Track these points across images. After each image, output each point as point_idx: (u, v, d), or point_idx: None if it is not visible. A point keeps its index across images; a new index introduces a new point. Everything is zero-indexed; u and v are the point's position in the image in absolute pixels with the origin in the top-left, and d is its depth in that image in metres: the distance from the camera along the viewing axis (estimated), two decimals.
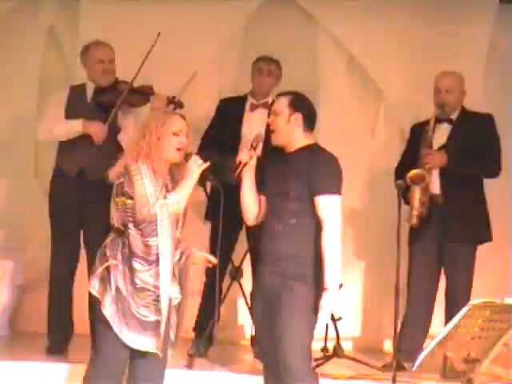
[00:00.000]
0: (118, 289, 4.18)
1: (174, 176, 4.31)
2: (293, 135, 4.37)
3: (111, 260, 4.20)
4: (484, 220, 5.63)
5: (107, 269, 4.20)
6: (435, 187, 5.54)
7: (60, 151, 5.75)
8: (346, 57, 6.62)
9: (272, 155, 4.54)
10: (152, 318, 4.19)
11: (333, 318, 5.67)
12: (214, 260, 4.37)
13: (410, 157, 5.66)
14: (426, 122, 5.67)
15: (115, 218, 4.27)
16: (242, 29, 6.56)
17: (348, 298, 6.10)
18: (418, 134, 5.66)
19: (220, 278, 5.67)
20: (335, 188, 4.29)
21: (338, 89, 6.61)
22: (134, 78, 5.56)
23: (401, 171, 5.63)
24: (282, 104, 4.38)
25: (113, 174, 4.26)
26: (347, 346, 5.91)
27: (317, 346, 5.36)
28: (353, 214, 6.13)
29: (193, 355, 5.52)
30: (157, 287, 4.18)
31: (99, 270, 4.20)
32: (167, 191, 4.22)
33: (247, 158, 4.38)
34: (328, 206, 4.25)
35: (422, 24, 6.46)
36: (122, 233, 4.24)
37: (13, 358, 5.48)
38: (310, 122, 4.39)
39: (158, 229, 4.14)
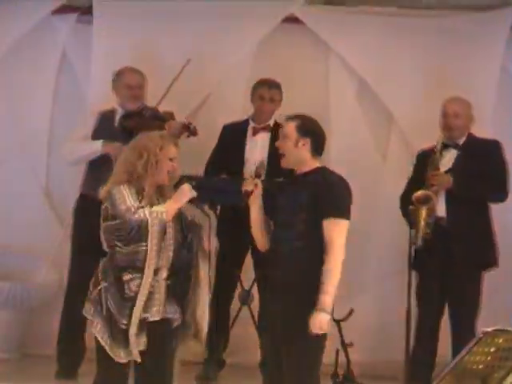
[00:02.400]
0: (108, 310, 4.23)
1: (165, 196, 4.36)
2: (301, 159, 4.36)
3: (103, 283, 4.26)
4: (490, 245, 5.60)
5: (99, 291, 4.26)
6: (441, 210, 5.52)
7: (87, 179, 5.80)
8: (356, 81, 6.60)
9: (280, 179, 4.54)
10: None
11: (343, 344, 5.68)
12: None
13: (416, 183, 5.65)
14: (432, 148, 5.67)
15: (103, 242, 4.36)
16: (254, 53, 6.57)
17: (359, 323, 6.06)
18: (424, 160, 5.67)
19: (227, 300, 5.77)
20: (343, 212, 4.26)
21: (349, 113, 6.59)
22: (159, 103, 5.65)
23: (407, 198, 5.63)
24: (291, 128, 4.36)
25: (102, 194, 4.35)
26: (358, 372, 5.85)
27: (327, 371, 5.33)
28: (362, 238, 6.10)
29: (202, 379, 5.49)
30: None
31: (93, 294, 4.27)
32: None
33: (253, 186, 4.38)
34: (334, 230, 4.22)
35: (433, 48, 6.47)
36: (112, 255, 4.30)
37: (22, 382, 5.50)
38: (318, 146, 4.38)
39: (149, 235, 4.19)
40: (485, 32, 6.39)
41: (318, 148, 4.37)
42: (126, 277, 4.24)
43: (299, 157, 4.34)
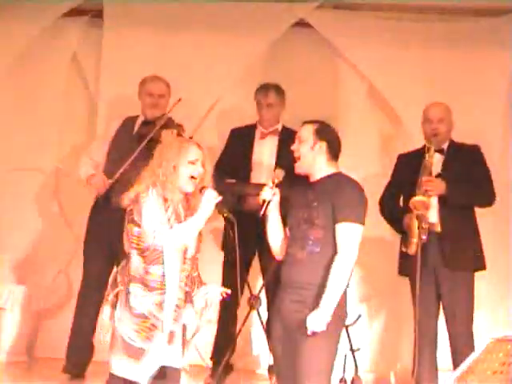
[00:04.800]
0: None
1: (190, 205, 4.30)
2: (317, 163, 4.36)
3: (120, 286, 4.21)
4: (479, 248, 5.58)
5: (116, 295, 4.21)
6: (432, 216, 5.47)
7: None
8: (366, 85, 6.59)
9: (296, 184, 4.52)
10: (139, 344, 4.12)
11: (351, 349, 5.67)
12: (228, 291, 4.33)
13: (396, 188, 5.64)
14: (415, 152, 5.66)
15: (125, 245, 4.28)
16: (264, 56, 6.57)
17: (367, 328, 6.09)
18: (405, 165, 5.65)
19: (235, 305, 5.68)
20: (357, 217, 4.26)
21: (357, 117, 6.57)
22: (168, 112, 5.63)
23: (388, 202, 5.62)
24: (307, 132, 4.39)
25: (126, 200, 4.27)
26: (366, 378, 5.85)
27: (335, 377, 5.31)
28: (369, 243, 5.98)
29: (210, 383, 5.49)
30: (154, 316, 4.13)
31: (110, 297, 4.22)
32: (179, 220, 4.21)
33: (270, 195, 4.36)
34: (346, 234, 4.23)
35: (443, 53, 6.45)
36: (129, 260, 4.25)
37: None
38: (334, 150, 4.39)
39: (165, 259, 4.12)
40: (497, 38, 6.34)
41: (334, 152, 4.38)
42: (136, 290, 4.16)
43: (315, 160, 4.35)
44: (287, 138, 5.73)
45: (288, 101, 6.05)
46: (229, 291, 4.32)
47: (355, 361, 5.72)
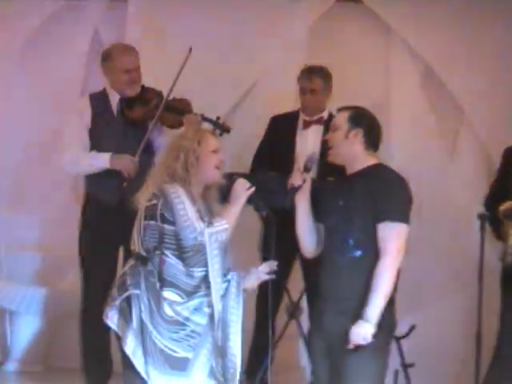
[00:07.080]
0: (141, 321, 3.95)
1: (206, 199, 4.14)
2: (352, 153, 4.12)
3: (133, 289, 3.96)
4: None
5: (127, 299, 3.98)
6: None
7: (91, 179, 5.40)
8: (421, 68, 6.29)
9: (331, 177, 4.32)
10: (182, 354, 3.94)
11: (404, 365, 5.35)
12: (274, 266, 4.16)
13: (502, 185, 5.17)
14: None
15: (138, 244, 4.03)
16: (307, 36, 6.28)
17: (421, 341, 5.70)
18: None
19: (273, 314, 5.42)
20: (401, 215, 4.01)
21: (412, 104, 6.28)
22: (169, 93, 5.22)
23: (491, 202, 5.14)
24: (341, 118, 4.17)
25: (142, 199, 4.03)
26: None
27: None
28: (424, 246, 5.78)
29: None
30: (194, 322, 3.96)
31: (118, 301, 3.97)
32: (201, 216, 4.01)
33: (300, 181, 4.17)
34: (390, 235, 3.99)
35: (508, 32, 6.07)
36: (146, 260, 4.00)
37: None
38: (372, 139, 4.14)
39: (208, 260, 3.96)
40: None
41: (372, 141, 4.14)
42: (172, 296, 3.96)
43: (350, 150, 4.13)
44: None
45: (334, 84, 5.72)
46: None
47: (408, 378, 5.39)
